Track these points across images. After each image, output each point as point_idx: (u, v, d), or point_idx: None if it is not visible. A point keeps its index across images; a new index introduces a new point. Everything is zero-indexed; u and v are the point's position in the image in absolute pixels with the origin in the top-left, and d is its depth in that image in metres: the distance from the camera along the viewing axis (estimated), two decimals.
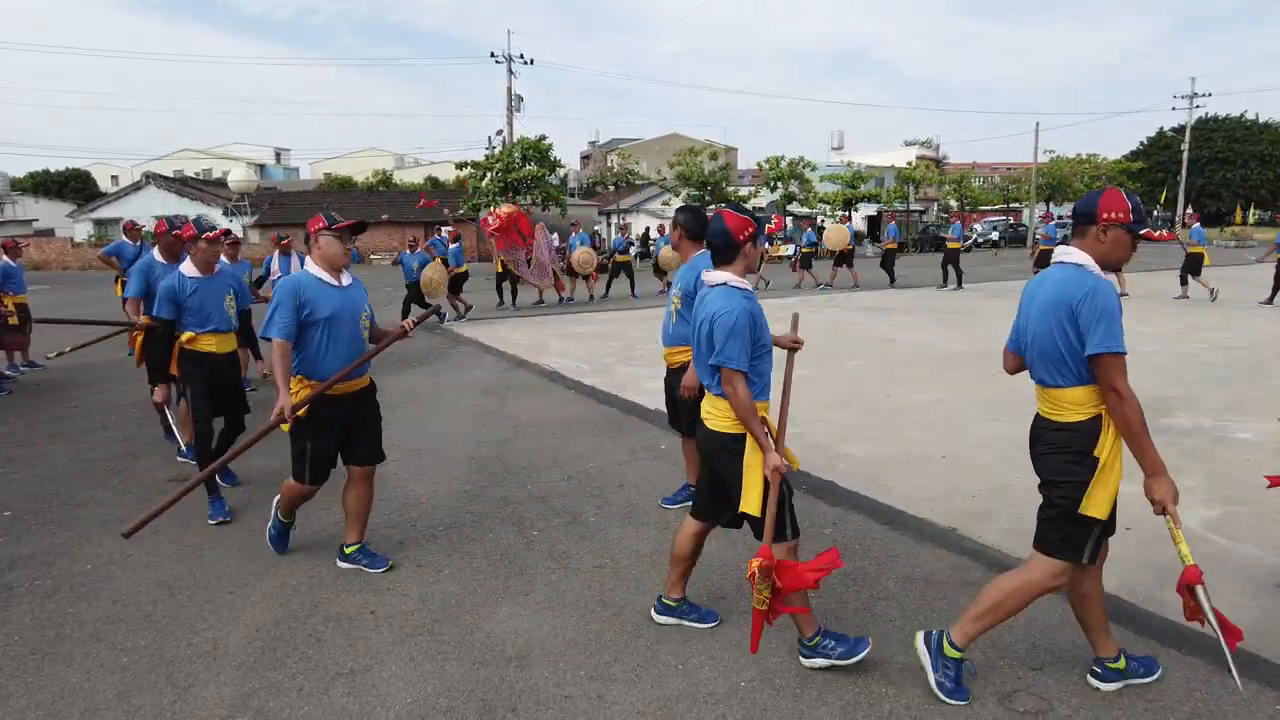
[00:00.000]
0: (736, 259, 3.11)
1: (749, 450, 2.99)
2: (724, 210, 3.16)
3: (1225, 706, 2.78)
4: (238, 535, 4.49)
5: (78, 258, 37.55)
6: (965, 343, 10.77)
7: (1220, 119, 58.02)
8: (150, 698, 2.96)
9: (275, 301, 3.76)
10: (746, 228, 3.08)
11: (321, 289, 3.83)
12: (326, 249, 3.85)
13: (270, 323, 3.74)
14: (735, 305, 2.98)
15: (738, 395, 2.95)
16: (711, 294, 3.11)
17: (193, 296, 4.73)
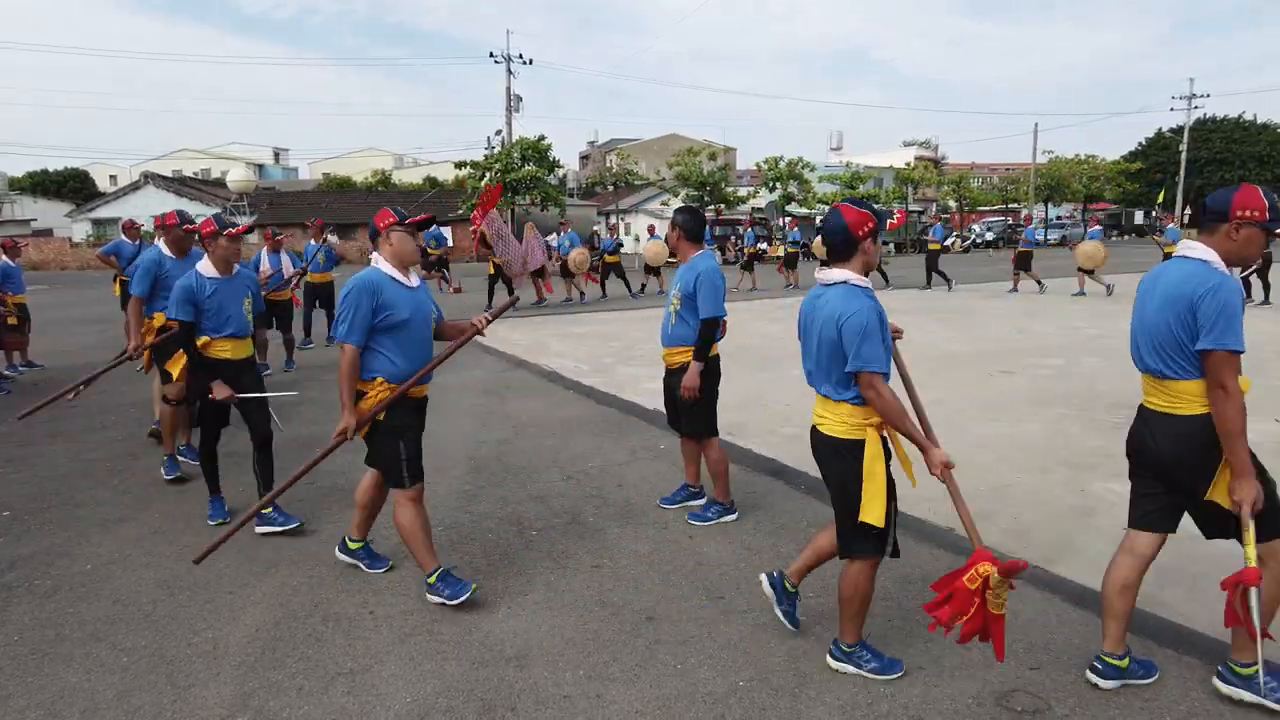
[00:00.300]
0: (855, 256, 2.92)
1: (869, 457, 2.88)
2: (842, 205, 2.96)
3: (1221, 706, 2.79)
4: (237, 535, 4.48)
5: (76, 257, 37.54)
6: (965, 343, 10.79)
7: (1219, 120, 58.06)
8: (150, 697, 2.96)
9: (350, 303, 3.46)
10: (866, 223, 2.89)
11: (398, 290, 3.57)
12: (399, 246, 3.58)
13: (343, 326, 3.45)
14: (863, 305, 2.83)
15: (883, 398, 2.81)
16: (830, 294, 2.92)
17: (211, 298, 4.40)
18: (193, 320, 4.37)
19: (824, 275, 3.00)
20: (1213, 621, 3.35)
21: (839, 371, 2.88)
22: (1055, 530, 4.38)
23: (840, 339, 2.81)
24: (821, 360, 2.95)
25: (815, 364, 3.00)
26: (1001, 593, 2.65)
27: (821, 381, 2.98)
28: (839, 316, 2.82)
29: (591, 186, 51.07)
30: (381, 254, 3.63)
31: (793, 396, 7.68)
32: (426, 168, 61.14)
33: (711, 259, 4.46)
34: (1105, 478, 5.18)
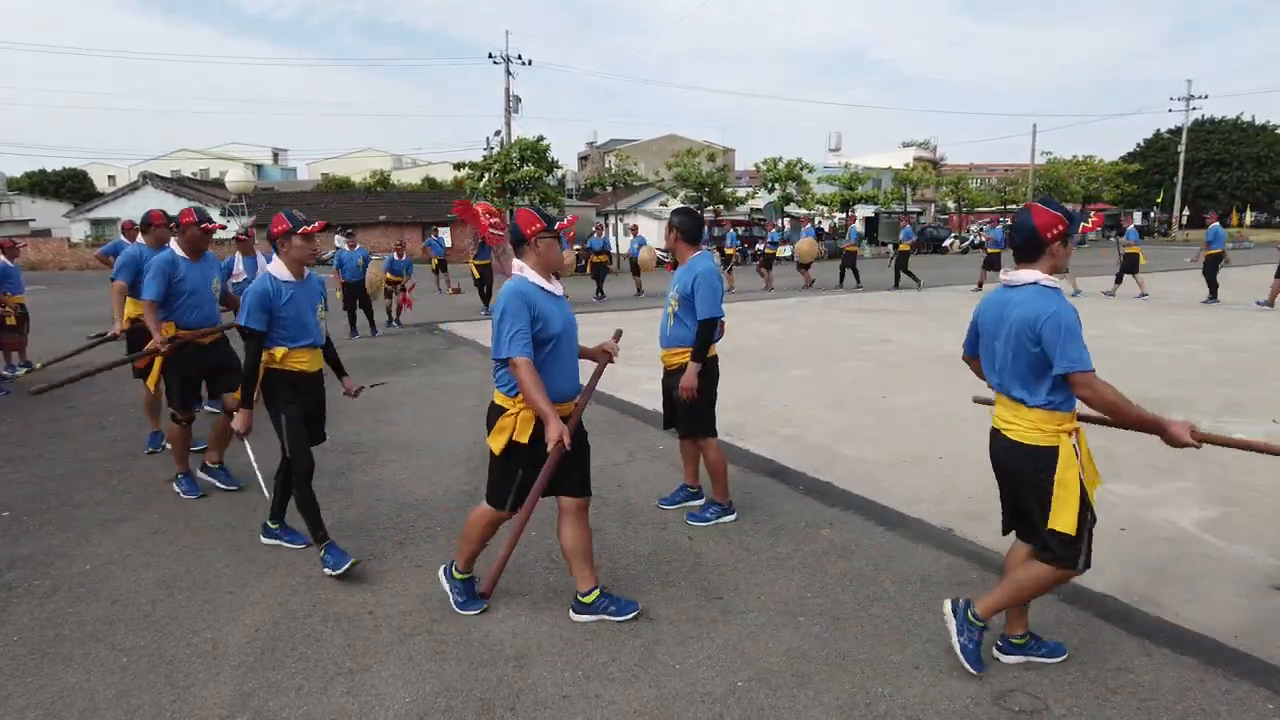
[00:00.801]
0: (1042, 257, 2.86)
1: (1062, 464, 2.81)
2: (1034, 205, 2.89)
3: (1218, 706, 2.80)
4: (237, 536, 4.50)
5: (75, 258, 37.50)
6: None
7: (1217, 121, 58.20)
8: (149, 697, 2.97)
9: (508, 314, 3.21)
10: (1056, 224, 2.82)
11: (550, 300, 3.35)
12: (546, 253, 3.35)
13: (508, 340, 3.19)
14: (1059, 303, 2.75)
15: (1102, 395, 2.72)
16: (1021, 295, 2.85)
17: (288, 305, 3.96)
18: (266, 330, 3.92)
19: (1011, 276, 2.92)
20: (1210, 622, 3.37)
21: (1034, 375, 2.80)
22: None
23: (1040, 341, 2.74)
24: (1014, 363, 2.85)
25: (1003, 367, 2.91)
26: None
27: (1013, 385, 2.88)
28: (1038, 317, 2.74)
29: (590, 187, 51.06)
30: (525, 261, 3.36)
31: (791, 397, 7.69)
32: (425, 168, 61.16)
33: (709, 260, 4.47)
34: (1104, 478, 5.18)
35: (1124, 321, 12.51)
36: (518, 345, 3.18)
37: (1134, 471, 5.35)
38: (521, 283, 3.30)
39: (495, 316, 3.27)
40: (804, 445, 6.07)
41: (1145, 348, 10.14)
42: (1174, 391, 7.56)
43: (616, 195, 42.80)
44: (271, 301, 3.92)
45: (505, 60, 35.60)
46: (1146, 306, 14.91)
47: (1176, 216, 49.94)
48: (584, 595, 3.47)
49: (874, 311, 15.12)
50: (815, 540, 4.32)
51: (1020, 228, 2.88)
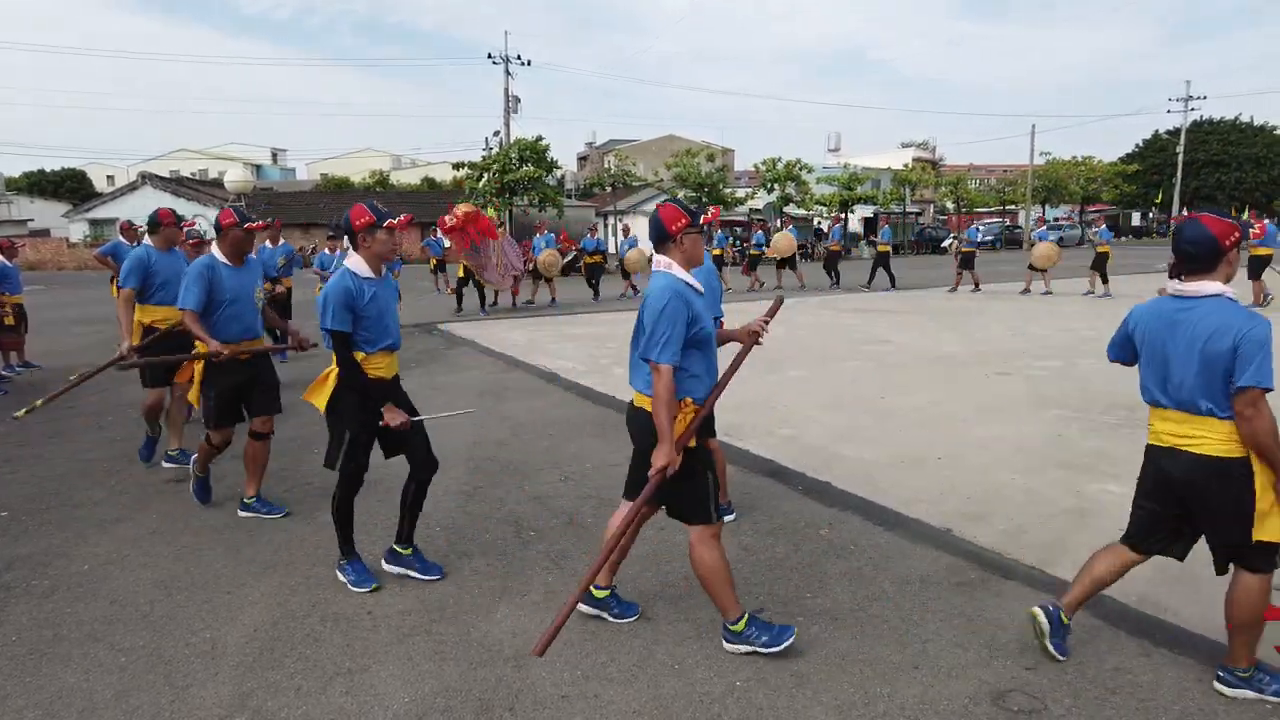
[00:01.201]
0: (1220, 266, 2.79)
1: (1257, 473, 2.72)
2: (1205, 215, 2.81)
3: (1217, 707, 2.81)
4: (235, 536, 4.50)
5: (73, 258, 37.48)
6: (962, 344, 10.81)
7: (1215, 122, 58.24)
8: (148, 698, 2.96)
9: (666, 316, 2.98)
10: (1232, 233, 2.76)
11: (699, 298, 3.16)
12: (692, 248, 3.16)
13: (661, 343, 2.97)
14: (1253, 317, 2.69)
15: (1264, 417, 2.64)
16: (1207, 307, 2.77)
17: (370, 304, 3.66)
18: (351, 331, 3.64)
19: (1186, 287, 2.83)
20: (1209, 622, 3.37)
21: (1224, 387, 2.72)
22: (1051, 531, 4.39)
23: (1235, 354, 2.66)
24: (1200, 376, 2.75)
25: (1184, 381, 2.80)
26: None
27: (1200, 398, 2.77)
28: (1238, 331, 2.67)
29: (590, 187, 51.04)
30: (670, 256, 3.14)
31: (790, 398, 7.69)
32: (424, 168, 61.14)
33: (708, 260, 4.46)
34: (1101, 479, 5.20)
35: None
36: (669, 351, 2.97)
37: (1133, 472, 5.34)
38: (675, 281, 3.09)
39: (652, 314, 3.02)
40: (802, 445, 6.07)
41: None
42: None
43: (616, 195, 42.82)
44: (354, 300, 3.61)
45: (504, 60, 35.60)
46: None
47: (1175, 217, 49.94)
48: (732, 625, 3.21)
49: (872, 312, 15.13)
50: (814, 540, 4.32)
51: (1196, 239, 2.78)
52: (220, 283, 4.55)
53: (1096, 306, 15.16)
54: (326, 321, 3.59)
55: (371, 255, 3.72)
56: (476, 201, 30.07)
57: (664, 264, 3.16)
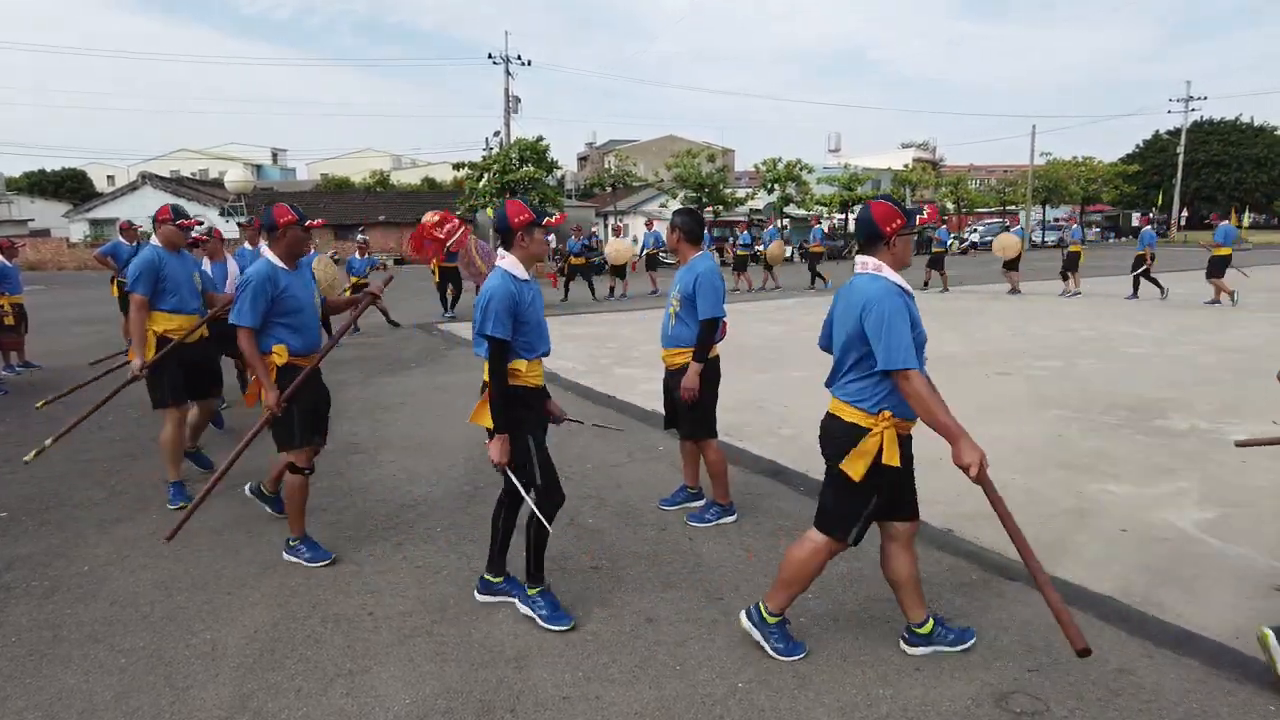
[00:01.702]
0: None
1: None
2: None
3: (1220, 708, 2.80)
4: (236, 536, 4.49)
5: (73, 258, 37.50)
6: (961, 344, 10.80)
7: (1216, 122, 58.25)
8: (148, 699, 2.96)
9: (899, 317, 2.87)
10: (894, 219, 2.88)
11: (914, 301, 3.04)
12: (903, 251, 3.02)
13: (905, 347, 2.89)
14: None
15: None
16: None
17: (530, 309, 3.37)
18: (511, 338, 3.29)
19: None
20: (1212, 623, 3.36)
21: None
22: (1052, 532, 4.38)
23: None
24: None
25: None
26: None
27: None
28: None
29: (590, 188, 51.08)
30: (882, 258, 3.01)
31: (791, 398, 7.69)
32: (425, 169, 61.14)
33: (710, 260, 4.46)
34: (1102, 480, 5.19)
35: (1122, 324, 12.52)
36: (914, 355, 2.89)
37: (1133, 472, 5.35)
38: (891, 285, 2.93)
39: (881, 318, 2.85)
40: (804, 446, 6.05)
41: (1143, 349, 10.14)
42: (1171, 393, 7.55)
43: (616, 196, 42.83)
44: (519, 308, 3.28)
45: (505, 61, 35.61)
46: (1150, 307, 14.90)
47: (1175, 218, 49.95)
48: (919, 627, 3.18)
49: None
50: None
51: None
52: (281, 291, 3.93)
53: (1096, 306, 15.15)
54: (487, 327, 3.22)
55: (528, 255, 3.39)
56: (478, 202, 30.12)
57: (873, 266, 2.98)
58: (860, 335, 2.93)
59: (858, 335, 2.94)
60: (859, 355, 3.00)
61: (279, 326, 3.95)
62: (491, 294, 3.25)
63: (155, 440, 6.24)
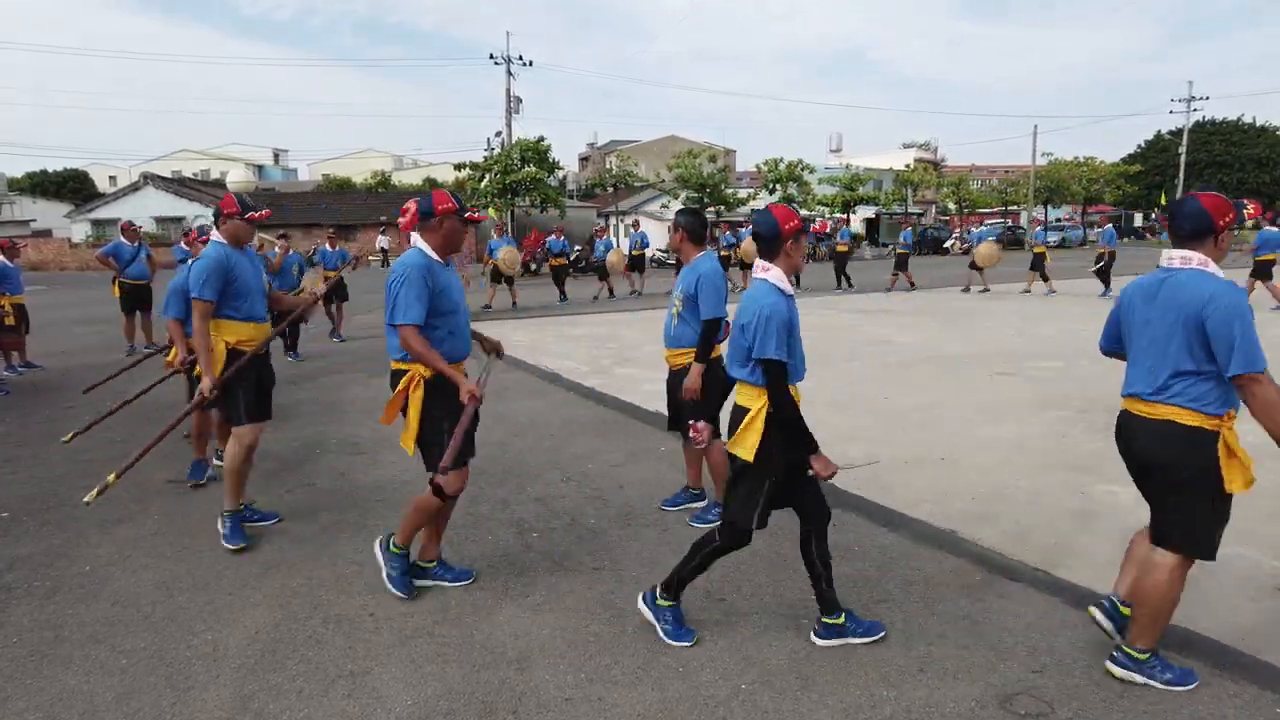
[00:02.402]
0: None
1: None
2: None
3: (1225, 709, 2.78)
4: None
5: (75, 258, 37.50)
6: (965, 344, 10.79)
7: (1218, 122, 58.20)
8: (149, 700, 2.95)
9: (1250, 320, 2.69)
10: None
11: None
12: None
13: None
14: None
15: None
16: None
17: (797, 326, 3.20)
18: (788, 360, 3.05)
19: None
20: (1216, 625, 3.35)
21: None
22: (1056, 533, 4.37)
23: None
24: None
25: None
26: None
27: None
28: None
29: (591, 188, 51.08)
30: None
31: None
32: (426, 169, 61.18)
33: (713, 260, 4.45)
34: (1106, 480, 5.17)
35: None
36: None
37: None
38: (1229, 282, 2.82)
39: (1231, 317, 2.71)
40: None
41: None
42: None
43: (617, 196, 42.85)
44: (793, 323, 3.09)
45: (506, 61, 35.60)
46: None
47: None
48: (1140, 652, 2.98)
49: (873, 312, 15.11)
50: None
51: None
52: (442, 289, 3.48)
53: (1095, 307, 15.13)
54: (769, 350, 2.97)
55: (791, 265, 3.17)
56: (479, 202, 30.14)
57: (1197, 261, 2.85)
58: (1200, 335, 2.73)
59: (1196, 335, 2.75)
60: (1198, 356, 2.77)
61: (431, 329, 3.47)
62: (770, 313, 2.98)
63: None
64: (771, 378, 3.01)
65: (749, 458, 3.08)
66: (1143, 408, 2.91)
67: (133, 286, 11.04)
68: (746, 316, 3.06)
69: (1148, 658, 2.94)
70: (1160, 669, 2.93)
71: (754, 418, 3.07)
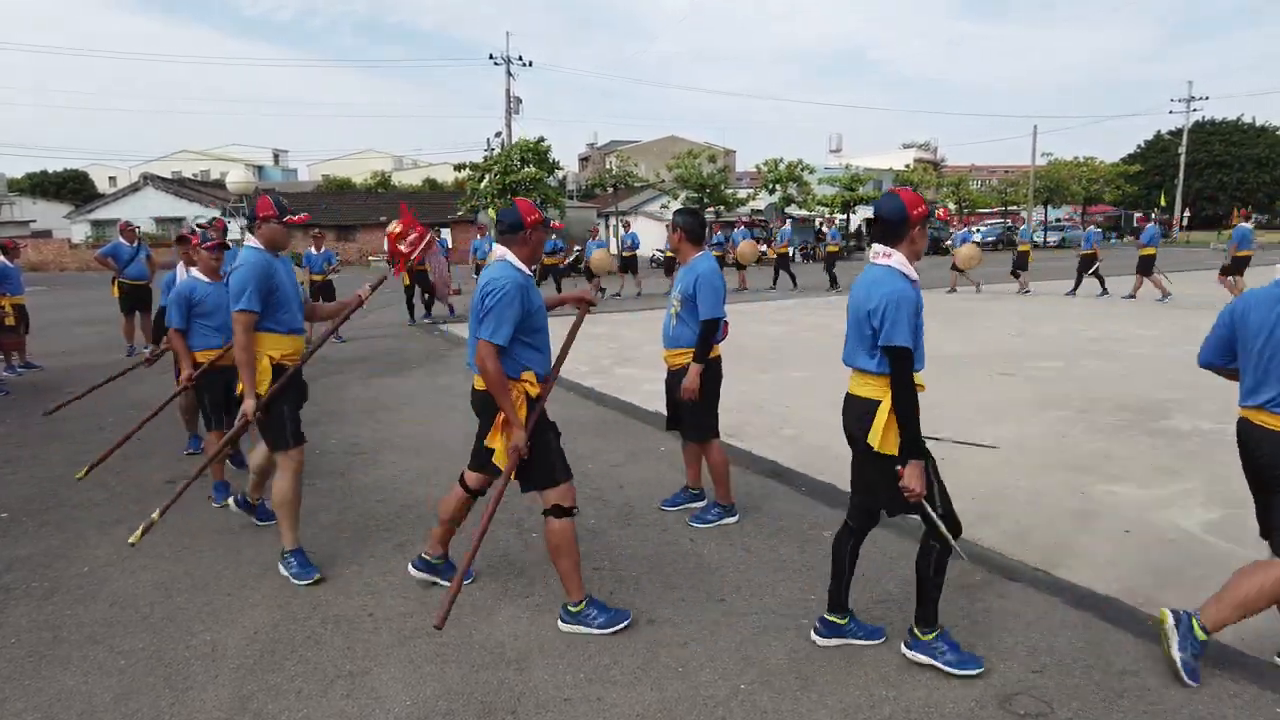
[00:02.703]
0: None
1: None
2: None
3: (1225, 710, 2.78)
4: (236, 537, 4.48)
5: (75, 259, 37.54)
6: (964, 345, 10.78)
7: (1217, 122, 58.24)
8: (148, 700, 2.94)
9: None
10: None
11: None
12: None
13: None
14: None
15: None
16: None
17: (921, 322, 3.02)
18: None
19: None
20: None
21: None
22: (1056, 533, 4.37)
23: None
24: None
25: None
26: None
27: None
28: None
29: (591, 188, 51.08)
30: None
31: (793, 399, 7.67)
32: (426, 169, 61.21)
33: (711, 260, 4.45)
34: (1106, 480, 5.17)
35: (1123, 324, 12.49)
36: None
37: (1137, 473, 5.33)
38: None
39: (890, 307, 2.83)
40: (805, 446, 6.04)
41: (1146, 349, 10.12)
42: (1175, 394, 7.53)
43: (617, 196, 42.85)
44: (920, 309, 3.00)
45: (506, 61, 35.62)
46: (1150, 307, 14.88)
47: (1177, 218, 49.91)
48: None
49: None
50: (818, 542, 4.29)
51: None
52: (531, 306, 3.33)
53: (1094, 307, 15.13)
54: (898, 337, 2.86)
55: (915, 252, 3.03)
56: (479, 203, 30.14)
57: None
58: None
59: None
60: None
61: (523, 347, 3.35)
62: (902, 299, 2.87)
63: (155, 441, 6.24)
64: (899, 366, 2.88)
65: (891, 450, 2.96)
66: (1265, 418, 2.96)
67: (132, 287, 11.04)
68: (873, 302, 2.90)
69: (1207, 639, 3.00)
70: None
71: (888, 409, 2.94)
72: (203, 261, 5.05)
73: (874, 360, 2.96)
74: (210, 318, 4.87)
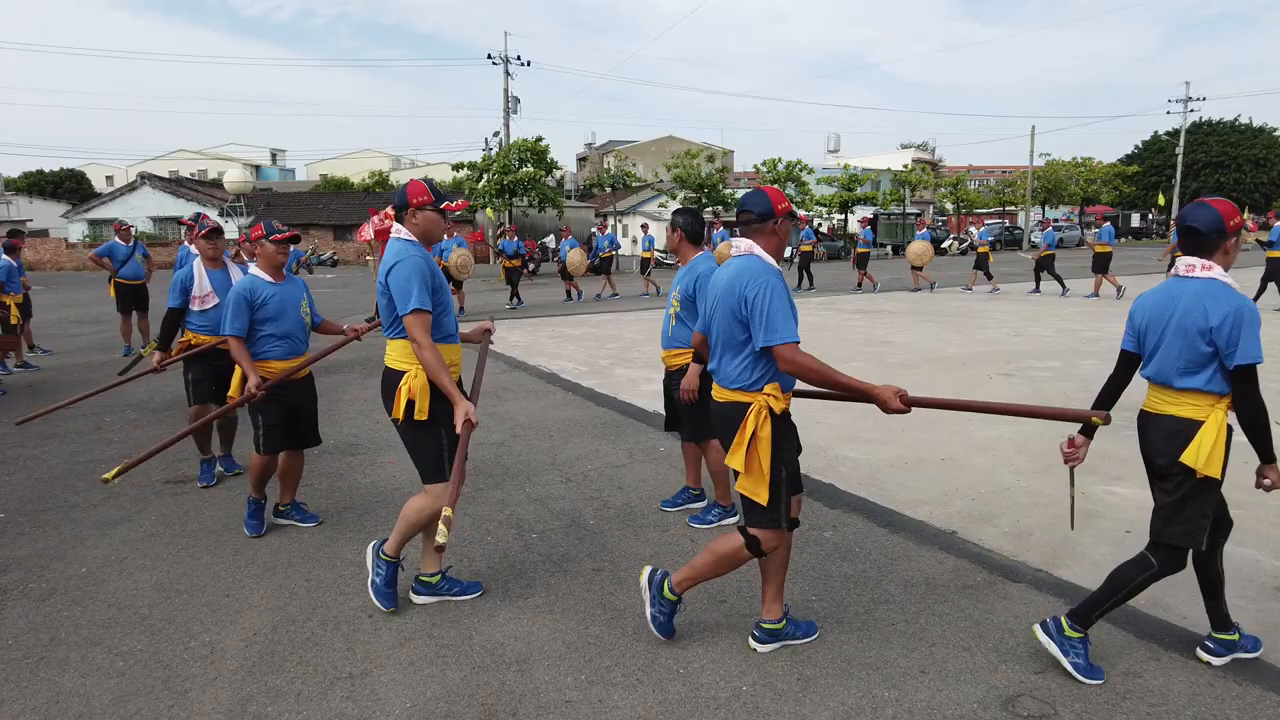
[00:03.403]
0: None
1: None
2: None
3: (1229, 711, 2.77)
4: (235, 538, 4.47)
5: (72, 258, 37.45)
6: (963, 345, 10.78)
7: (1214, 123, 58.28)
8: (147, 702, 2.93)
9: None
10: None
11: None
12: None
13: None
14: None
15: None
16: None
17: None
18: None
19: None
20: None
21: None
22: (1057, 533, 4.36)
23: None
24: None
25: None
26: None
27: None
28: None
29: (589, 188, 51.04)
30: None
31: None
32: (424, 169, 61.12)
33: (711, 261, 4.43)
34: (1106, 480, 5.16)
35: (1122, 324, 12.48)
36: None
37: (1138, 473, 5.32)
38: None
39: None
40: (805, 446, 6.02)
41: None
42: None
43: (615, 196, 42.84)
44: None
45: (504, 61, 35.58)
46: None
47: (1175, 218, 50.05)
48: None
49: (873, 313, 15.10)
50: (818, 543, 4.28)
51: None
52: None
53: (1093, 307, 15.14)
54: (1255, 353, 2.81)
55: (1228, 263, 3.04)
56: (477, 202, 30.11)
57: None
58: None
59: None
60: None
61: None
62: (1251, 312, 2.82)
63: (153, 441, 6.21)
64: (1250, 383, 2.79)
65: (1215, 474, 2.88)
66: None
67: (128, 286, 11.02)
68: (1214, 319, 2.78)
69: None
70: None
71: (1213, 430, 2.86)
72: (265, 257, 4.36)
73: (1200, 378, 2.86)
74: (274, 323, 4.33)
